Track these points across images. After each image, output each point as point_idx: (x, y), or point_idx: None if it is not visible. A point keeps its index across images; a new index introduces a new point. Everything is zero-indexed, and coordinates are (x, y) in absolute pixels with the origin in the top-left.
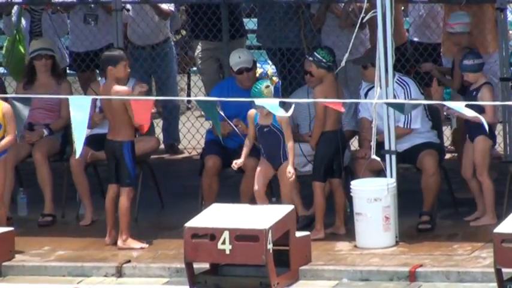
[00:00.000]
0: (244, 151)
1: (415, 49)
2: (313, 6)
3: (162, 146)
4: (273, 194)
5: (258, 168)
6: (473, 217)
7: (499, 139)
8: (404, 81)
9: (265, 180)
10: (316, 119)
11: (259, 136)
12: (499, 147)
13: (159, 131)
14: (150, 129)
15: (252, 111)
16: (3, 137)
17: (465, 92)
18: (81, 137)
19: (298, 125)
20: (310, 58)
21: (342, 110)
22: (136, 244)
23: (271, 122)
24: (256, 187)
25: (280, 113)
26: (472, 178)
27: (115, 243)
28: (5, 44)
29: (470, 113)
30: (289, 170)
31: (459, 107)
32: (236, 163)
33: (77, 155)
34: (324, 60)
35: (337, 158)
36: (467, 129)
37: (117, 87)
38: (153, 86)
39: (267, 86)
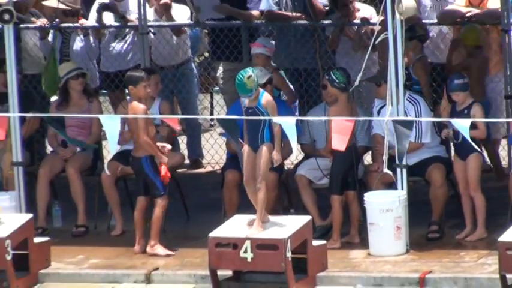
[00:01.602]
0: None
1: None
2: (328, 29)
3: (187, 161)
4: (291, 205)
5: (244, 158)
6: (463, 235)
7: (504, 153)
8: (415, 99)
9: (252, 166)
10: (328, 138)
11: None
12: (503, 161)
13: (184, 147)
14: (176, 145)
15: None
16: None
17: (453, 112)
18: (112, 152)
19: (315, 140)
20: (326, 77)
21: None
22: (164, 251)
23: (255, 104)
24: (244, 178)
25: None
26: (464, 194)
27: (144, 252)
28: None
29: (476, 133)
30: (276, 158)
31: (464, 125)
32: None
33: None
34: (337, 80)
35: (351, 172)
36: (456, 148)
37: (134, 104)
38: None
39: (249, 77)
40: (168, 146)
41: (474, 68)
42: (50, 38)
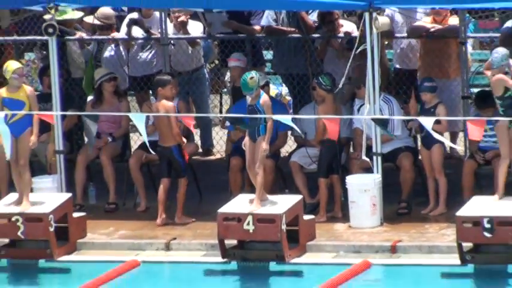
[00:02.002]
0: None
1: (397, 74)
2: (317, 41)
3: (200, 150)
4: (286, 186)
5: (247, 148)
6: (427, 210)
7: (461, 144)
8: (389, 99)
9: (252, 154)
10: (317, 131)
11: (247, 113)
12: (461, 150)
13: (197, 139)
14: (190, 137)
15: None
16: (27, 117)
17: (421, 110)
18: (146, 141)
19: (305, 133)
20: (315, 80)
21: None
22: (188, 219)
23: (255, 102)
24: (246, 164)
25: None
26: (429, 177)
27: (165, 225)
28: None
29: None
30: (265, 148)
31: (427, 122)
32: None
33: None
34: (324, 83)
35: (335, 160)
36: (422, 140)
37: (165, 103)
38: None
39: (252, 77)
40: (184, 139)
41: None
42: (90, 47)
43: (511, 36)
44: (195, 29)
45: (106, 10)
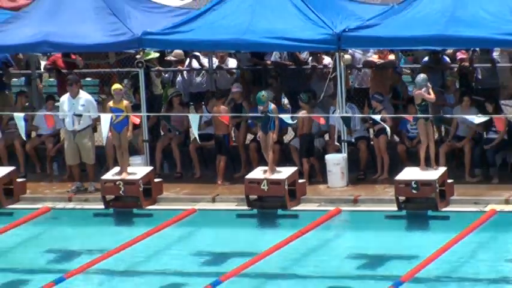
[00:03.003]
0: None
1: (356, 90)
2: (306, 70)
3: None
4: (287, 160)
5: (261, 138)
6: (376, 176)
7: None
8: (352, 106)
9: (265, 142)
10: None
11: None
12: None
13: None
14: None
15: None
16: (125, 119)
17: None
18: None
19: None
20: (298, 96)
21: (322, 122)
22: (226, 182)
23: (267, 109)
24: (262, 148)
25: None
26: (378, 155)
27: (222, 183)
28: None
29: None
30: (273, 137)
31: (379, 119)
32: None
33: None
34: (302, 98)
35: (312, 145)
36: (374, 132)
37: (222, 107)
38: None
39: (263, 95)
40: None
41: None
42: (167, 75)
43: (427, 66)
44: (231, 62)
45: (178, 51)
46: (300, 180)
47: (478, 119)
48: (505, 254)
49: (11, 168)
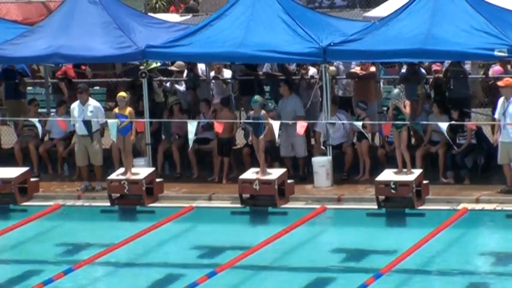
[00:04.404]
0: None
1: (341, 99)
2: (296, 79)
3: None
4: (278, 160)
5: (254, 142)
6: (359, 177)
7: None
8: (342, 112)
9: (257, 145)
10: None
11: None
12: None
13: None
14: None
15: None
16: (129, 124)
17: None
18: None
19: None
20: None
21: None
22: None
23: (258, 115)
24: (255, 150)
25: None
26: (361, 158)
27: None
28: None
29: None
30: (261, 139)
31: (359, 125)
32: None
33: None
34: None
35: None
36: (357, 137)
37: (228, 113)
38: None
39: (259, 97)
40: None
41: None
42: (167, 84)
43: (405, 77)
44: (226, 73)
45: (180, 62)
46: (289, 181)
47: (445, 125)
48: (475, 249)
49: (26, 168)
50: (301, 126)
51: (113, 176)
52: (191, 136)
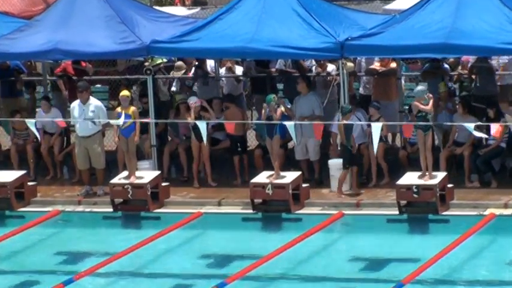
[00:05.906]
0: None
1: (361, 97)
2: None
3: None
4: (292, 165)
5: (268, 144)
6: (374, 180)
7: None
8: (361, 111)
9: (271, 147)
10: None
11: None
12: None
13: None
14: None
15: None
16: (132, 125)
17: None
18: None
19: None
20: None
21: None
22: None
23: (272, 114)
24: (270, 152)
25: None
26: (375, 161)
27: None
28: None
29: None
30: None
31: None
32: None
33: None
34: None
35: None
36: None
37: (235, 110)
38: None
39: (274, 97)
40: None
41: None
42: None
43: (427, 72)
44: (238, 70)
45: (180, 62)
46: (304, 185)
47: (475, 130)
48: (503, 257)
49: (22, 172)
50: (318, 129)
51: (115, 180)
52: (203, 137)
